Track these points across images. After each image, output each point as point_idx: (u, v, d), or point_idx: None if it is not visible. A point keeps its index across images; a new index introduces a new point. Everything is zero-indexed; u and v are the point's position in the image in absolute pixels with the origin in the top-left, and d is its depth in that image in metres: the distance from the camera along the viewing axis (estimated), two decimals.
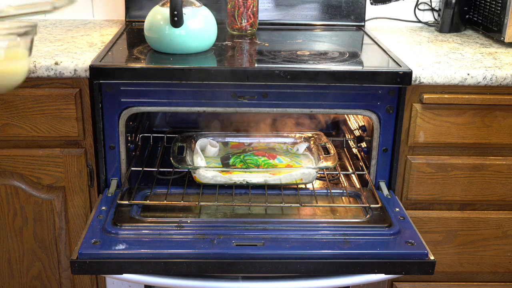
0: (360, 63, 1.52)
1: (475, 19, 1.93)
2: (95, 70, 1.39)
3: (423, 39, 1.83)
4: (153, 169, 1.59)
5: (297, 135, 1.74)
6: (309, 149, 1.66)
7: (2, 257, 1.60)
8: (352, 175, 1.66)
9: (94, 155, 1.51)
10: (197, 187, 1.48)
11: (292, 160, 1.60)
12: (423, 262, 1.22)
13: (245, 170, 1.50)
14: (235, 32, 1.77)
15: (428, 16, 2.07)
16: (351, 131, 1.86)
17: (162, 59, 1.48)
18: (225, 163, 1.56)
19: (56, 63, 1.41)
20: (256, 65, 1.52)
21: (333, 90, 1.44)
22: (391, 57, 1.55)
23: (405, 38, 1.84)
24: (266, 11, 1.93)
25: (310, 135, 1.72)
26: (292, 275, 1.28)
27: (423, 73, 1.44)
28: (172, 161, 1.46)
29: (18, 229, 1.57)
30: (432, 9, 2.06)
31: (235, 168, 1.53)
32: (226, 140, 1.72)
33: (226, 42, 1.67)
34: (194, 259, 1.20)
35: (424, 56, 1.59)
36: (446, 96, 1.47)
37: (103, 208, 1.36)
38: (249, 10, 1.74)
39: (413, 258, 1.22)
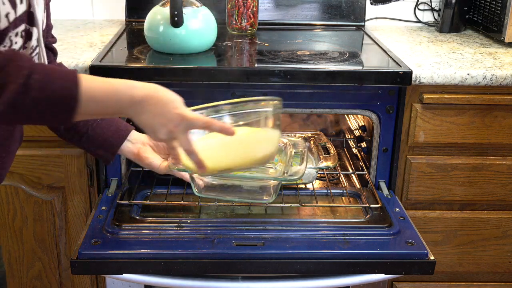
0: (360, 63, 1.52)
1: (475, 19, 1.93)
2: (95, 70, 1.39)
3: (423, 39, 1.83)
4: None
5: (297, 135, 1.74)
6: (309, 149, 1.65)
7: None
8: (352, 175, 1.66)
9: None
10: None
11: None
12: (423, 262, 1.22)
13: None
14: (235, 32, 1.77)
15: (428, 16, 2.07)
16: (351, 131, 1.85)
17: (162, 59, 1.48)
18: None
19: None
20: (256, 65, 1.52)
21: (333, 90, 1.44)
22: (391, 57, 1.55)
23: (405, 38, 1.84)
24: (266, 11, 1.93)
25: (310, 135, 1.72)
26: (292, 275, 1.28)
27: (423, 73, 1.44)
28: None
29: (18, 229, 1.57)
30: (432, 9, 2.06)
31: None
32: None
33: (226, 42, 1.67)
34: (194, 259, 1.20)
35: (424, 56, 1.59)
36: (446, 96, 1.47)
37: (103, 208, 1.36)
38: (249, 10, 1.74)
39: (413, 258, 1.22)
